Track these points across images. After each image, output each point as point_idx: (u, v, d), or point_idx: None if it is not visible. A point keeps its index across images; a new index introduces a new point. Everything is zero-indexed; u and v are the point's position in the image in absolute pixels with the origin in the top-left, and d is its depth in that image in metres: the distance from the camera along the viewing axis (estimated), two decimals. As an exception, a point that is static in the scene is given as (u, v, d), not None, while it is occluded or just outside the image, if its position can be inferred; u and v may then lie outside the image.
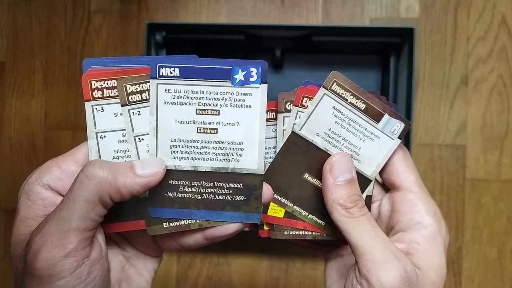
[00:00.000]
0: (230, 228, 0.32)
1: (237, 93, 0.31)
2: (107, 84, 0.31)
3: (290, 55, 0.79)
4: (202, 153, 0.32)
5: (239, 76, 0.31)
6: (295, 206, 0.35)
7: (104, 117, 0.32)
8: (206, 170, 0.32)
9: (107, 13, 0.83)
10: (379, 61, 0.79)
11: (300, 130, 0.34)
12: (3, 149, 0.84)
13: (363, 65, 0.79)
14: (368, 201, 0.35)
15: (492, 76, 0.78)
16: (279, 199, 0.35)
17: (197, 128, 0.31)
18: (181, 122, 0.31)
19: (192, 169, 0.32)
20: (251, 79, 0.31)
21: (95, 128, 0.32)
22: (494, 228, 0.78)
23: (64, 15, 0.83)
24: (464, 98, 0.78)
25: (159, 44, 0.74)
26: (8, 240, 0.31)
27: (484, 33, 0.78)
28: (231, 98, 0.31)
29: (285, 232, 0.35)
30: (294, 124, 0.34)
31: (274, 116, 0.35)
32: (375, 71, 0.79)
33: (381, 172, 0.35)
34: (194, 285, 0.81)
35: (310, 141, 0.34)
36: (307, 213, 0.35)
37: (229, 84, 0.31)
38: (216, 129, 0.31)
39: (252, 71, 0.31)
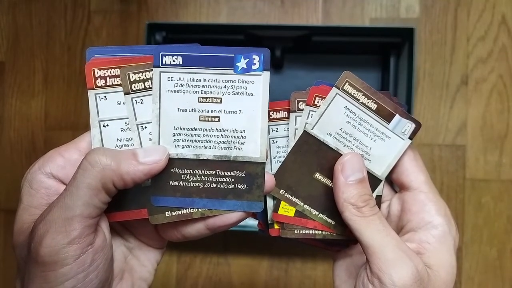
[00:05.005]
0: (232, 217, 0.32)
1: (240, 81, 0.31)
2: (110, 72, 0.31)
3: (290, 55, 0.79)
4: (205, 141, 0.32)
5: (242, 63, 0.31)
6: (305, 205, 0.35)
7: (107, 105, 0.32)
8: (209, 158, 0.32)
9: (107, 13, 0.83)
10: (379, 61, 0.79)
11: (312, 129, 0.34)
12: (3, 149, 0.84)
13: (363, 65, 0.79)
14: (378, 201, 0.36)
15: (492, 76, 0.78)
16: (290, 197, 0.35)
17: (200, 116, 0.31)
18: (183, 110, 0.31)
19: (195, 158, 0.32)
20: (254, 67, 0.31)
21: (98, 117, 0.32)
22: (494, 228, 0.77)
23: (64, 15, 0.83)
24: (464, 98, 0.78)
25: (159, 44, 0.74)
26: (8, 241, 0.31)
27: (484, 33, 0.78)
28: (233, 86, 0.31)
29: (295, 231, 0.35)
30: (306, 123, 0.34)
31: (286, 115, 0.35)
32: (375, 71, 0.79)
33: (391, 172, 0.36)
34: (194, 285, 0.81)
35: (322, 140, 0.34)
36: (317, 212, 0.35)
37: (232, 72, 0.31)
38: (219, 117, 0.31)
39: (254, 59, 0.31)
